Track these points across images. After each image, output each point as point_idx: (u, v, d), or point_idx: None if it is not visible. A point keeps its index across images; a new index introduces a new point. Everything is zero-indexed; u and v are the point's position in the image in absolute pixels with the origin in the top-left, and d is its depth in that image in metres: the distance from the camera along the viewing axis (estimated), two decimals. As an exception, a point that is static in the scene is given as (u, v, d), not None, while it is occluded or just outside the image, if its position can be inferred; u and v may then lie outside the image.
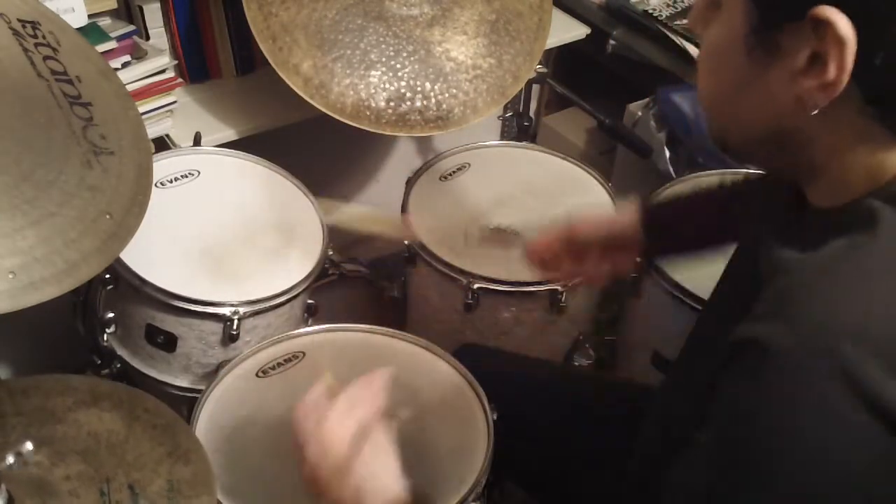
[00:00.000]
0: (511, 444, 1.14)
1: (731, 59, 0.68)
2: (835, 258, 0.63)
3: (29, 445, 0.91)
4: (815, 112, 0.64)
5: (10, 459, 0.90)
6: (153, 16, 1.54)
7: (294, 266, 1.36)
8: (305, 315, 1.43)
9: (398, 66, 1.45)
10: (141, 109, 1.35)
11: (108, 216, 0.96)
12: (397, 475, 0.84)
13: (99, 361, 1.41)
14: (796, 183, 0.73)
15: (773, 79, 0.65)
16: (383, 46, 1.45)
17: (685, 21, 1.90)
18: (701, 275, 1.13)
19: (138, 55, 1.46)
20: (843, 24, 0.59)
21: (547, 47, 1.63)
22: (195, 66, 1.63)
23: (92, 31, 1.42)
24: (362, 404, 0.85)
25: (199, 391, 1.20)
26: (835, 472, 0.60)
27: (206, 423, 1.14)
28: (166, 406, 1.07)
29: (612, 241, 1.14)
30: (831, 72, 0.61)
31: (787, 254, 0.67)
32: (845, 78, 0.61)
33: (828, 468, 0.60)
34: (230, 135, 1.56)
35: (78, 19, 1.37)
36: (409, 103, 1.45)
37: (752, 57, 0.66)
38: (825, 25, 0.59)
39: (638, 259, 1.17)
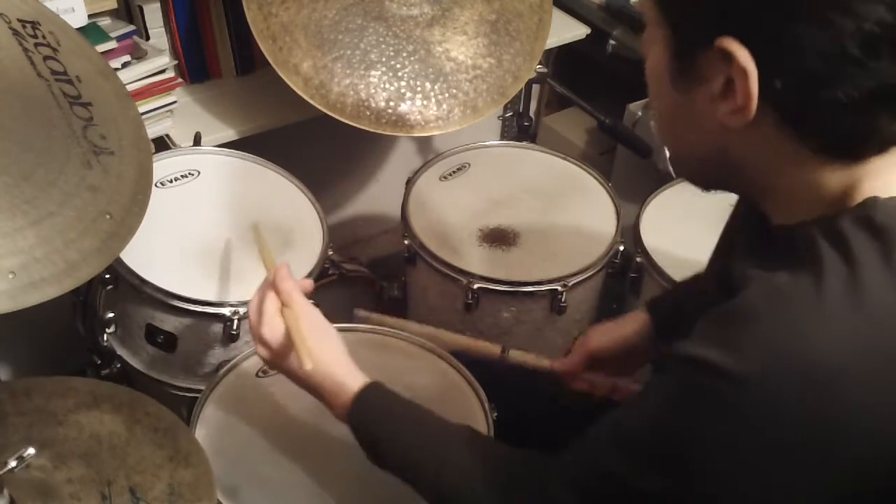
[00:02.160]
0: (511, 444, 1.14)
1: (662, 85, 0.71)
2: (782, 292, 0.65)
3: (32, 450, 0.91)
4: (739, 132, 0.66)
5: (12, 463, 0.90)
6: (153, 16, 1.54)
7: (294, 266, 1.35)
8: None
9: (398, 66, 1.45)
10: (141, 109, 1.35)
11: (108, 216, 0.96)
12: (344, 354, 0.98)
13: (99, 361, 1.41)
14: (757, 203, 0.75)
15: (697, 104, 0.68)
16: (383, 46, 1.45)
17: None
18: (701, 275, 1.13)
19: (138, 55, 1.46)
20: (743, 55, 0.61)
21: (547, 47, 1.62)
22: (195, 66, 1.63)
23: (92, 31, 1.41)
24: (284, 285, 0.99)
25: (199, 391, 1.20)
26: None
27: (206, 424, 1.14)
28: (167, 409, 1.07)
29: (631, 356, 1.17)
30: (739, 98, 0.63)
31: (748, 276, 0.69)
32: (753, 104, 0.63)
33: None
34: (230, 135, 1.56)
35: (78, 19, 1.37)
36: (409, 103, 1.45)
37: (676, 84, 0.69)
38: (730, 55, 0.62)
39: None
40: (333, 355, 0.97)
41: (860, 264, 0.62)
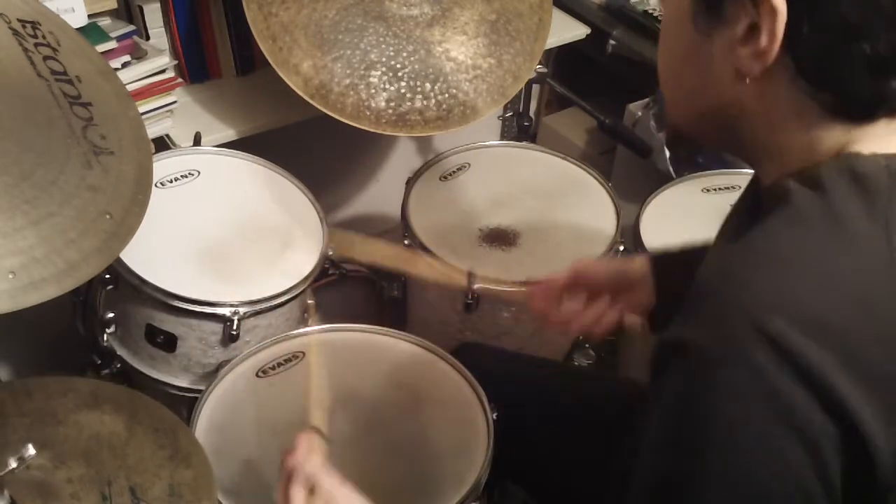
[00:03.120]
0: (511, 444, 1.14)
1: (679, 29, 0.70)
2: (748, 246, 0.63)
3: (32, 450, 0.91)
4: (751, 82, 0.66)
5: (13, 463, 0.90)
6: (153, 16, 1.54)
7: (294, 266, 1.36)
8: (305, 315, 1.43)
9: (398, 66, 1.45)
10: (141, 109, 1.35)
11: (108, 216, 0.96)
12: None
13: (99, 361, 1.41)
14: (749, 163, 0.75)
15: (716, 48, 0.67)
16: (383, 46, 1.45)
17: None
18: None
19: (138, 55, 1.46)
20: None
21: (547, 47, 1.62)
22: (195, 66, 1.63)
23: (92, 31, 1.41)
24: (298, 473, 0.89)
25: (199, 391, 1.20)
26: (770, 462, 0.60)
27: (206, 424, 1.14)
28: (167, 409, 1.07)
29: (620, 286, 1.11)
30: (763, 40, 0.63)
31: (724, 244, 0.68)
32: (776, 47, 0.62)
33: (763, 459, 0.60)
34: (230, 135, 1.56)
35: (78, 19, 1.37)
36: (409, 103, 1.45)
37: (698, 26, 0.68)
38: None
39: (645, 318, 1.12)
40: None
41: (840, 209, 0.61)
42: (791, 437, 0.59)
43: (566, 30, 1.90)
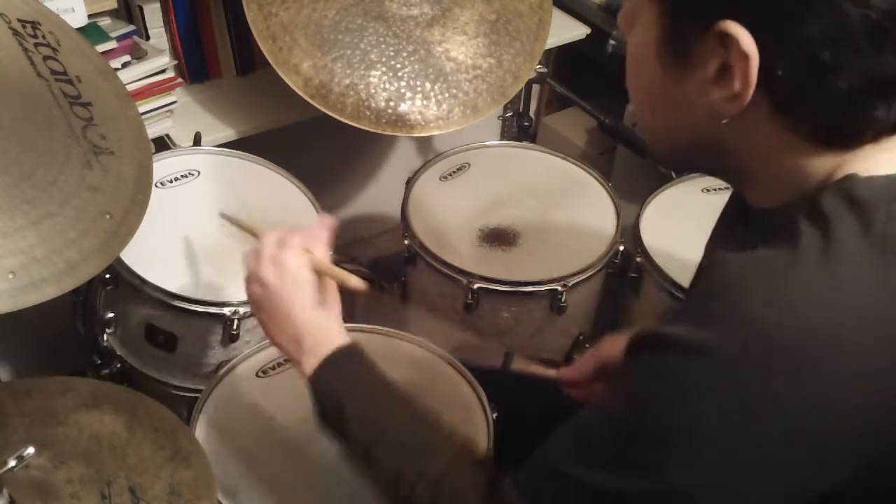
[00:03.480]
0: (511, 444, 1.14)
1: (647, 66, 0.69)
2: (757, 266, 0.63)
3: (31, 450, 0.91)
4: (727, 121, 0.65)
5: (12, 462, 0.90)
6: (153, 16, 1.54)
7: (294, 266, 1.36)
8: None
9: (398, 66, 1.45)
10: (141, 109, 1.35)
11: (108, 216, 0.96)
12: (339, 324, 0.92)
13: (99, 361, 1.41)
14: (737, 188, 0.75)
15: (688, 88, 0.66)
16: (383, 46, 1.45)
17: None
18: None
19: (138, 55, 1.46)
20: (747, 40, 0.60)
21: (547, 47, 1.63)
22: (195, 66, 1.63)
23: (92, 31, 1.41)
24: (316, 242, 0.94)
25: (199, 391, 1.20)
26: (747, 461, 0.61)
27: (206, 424, 1.14)
28: (168, 409, 1.07)
29: None
30: (737, 84, 0.62)
31: (720, 256, 0.68)
32: (750, 90, 0.62)
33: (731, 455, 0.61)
34: (230, 135, 1.56)
35: (78, 19, 1.37)
36: (409, 103, 1.45)
37: (665, 66, 0.67)
38: (730, 39, 0.61)
39: None
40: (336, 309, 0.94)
41: (837, 236, 0.61)
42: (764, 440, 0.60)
43: (566, 30, 1.90)
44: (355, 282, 0.94)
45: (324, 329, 0.90)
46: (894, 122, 0.63)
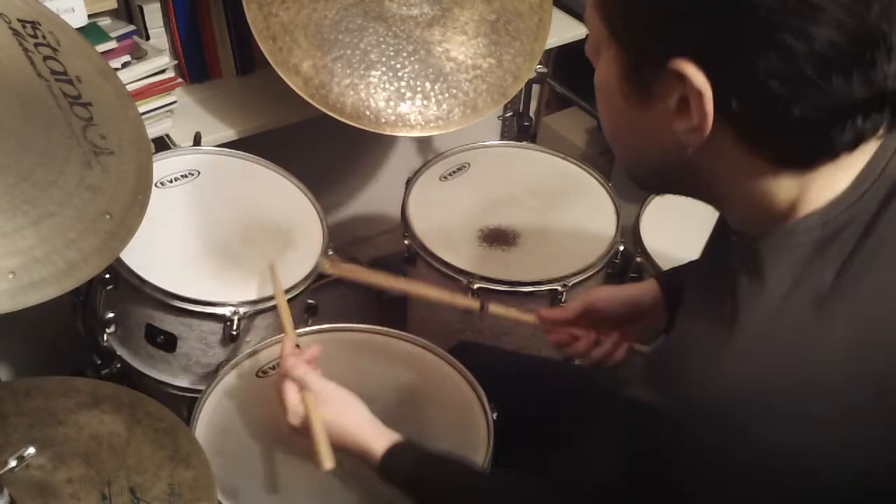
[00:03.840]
0: (511, 444, 1.14)
1: (612, 98, 0.71)
2: (700, 332, 0.69)
3: (32, 450, 0.91)
4: (693, 148, 0.67)
5: (12, 462, 0.90)
6: (153, 16, 1.54)
7: (294, 266, 1.36)
8: (305, 315, 1.43)
9: (398, 66, 1.45)
10: (141, 109, 1.35)
11: (108, 216, 0.96)
12: (367, 418, 1.02)
13: (99, 361, 1.41)
14: (714, 207, 0.77)
15: (652, 119, 0.68)
16: (383, 46, 1.45)
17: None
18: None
19: (138, 55, 1.46)
20: (698, 78, 0.62)
21: (547, 47, 1.62)
22: (195, 66, 1.63)
23: (92, 31, 1.41)
24: (296, 371, 1.03)
25: (199, 391, 1.20)
26: None
27: (206, 423, 1.14)
28: (168, 409, 1.07)
29: (631, 316, 1.15)
30: (695, 118, 0.64)
31: (688, 299, 0.75)
32: (708, 123, 0.64)
33: None
34: (230, 135, 1.56)
35: (78, 19, 1.37)
36: (409, 103, 1.45)
37: (629, 99, 0.69)
38: (684, 76, 0.62)
39: (664, 332, 1.16)
40: (355, 420, 1.01)
41: (764, 300, 0.65)
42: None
43: (566, 30, 1.90)
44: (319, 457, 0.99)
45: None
46: (851, 141, 0.64)
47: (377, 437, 0.99)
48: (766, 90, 0.61)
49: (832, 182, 0.67)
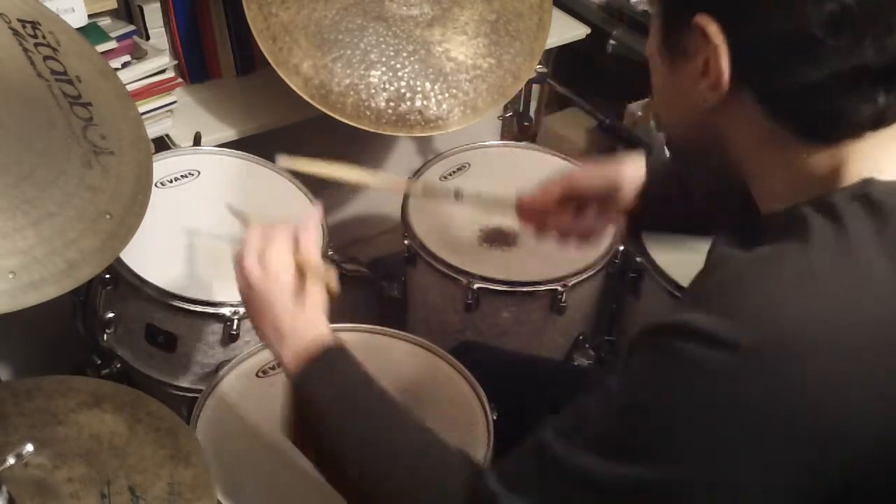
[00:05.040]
0: (511, 444, 1.14)
1: (655, 62, 0.74)
2: (771, 259, 0.64)
3: (30, 447, 0.91)
4: (722, 112, 0.68)
5: (12, 461, 0.90)
6: (153, 16, 1.54)
7: (294, 266, 1.36)
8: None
9: (398, 66, 1.45)
10: (141, 109, 1.35)
11: (108, 216, 0.96)
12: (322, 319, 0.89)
13: (99, 361, 1.41)
14: (746, 188, 0.76)
15: (685, 80, 0.70)
16: (383, 46, 1.45)
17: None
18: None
19: (138, 55, 1.46)
20: (714, 31, 0.64)
21: (547, 47, 1.62)
22: (195, 66, 1.63)
23: (92, 31, 1.41)
24: (304, 238, 0.93)
25: (199, 391, 1.20)
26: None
27: (206, 423, 1.14)
28: (168, 409, 1.07)
29: (610, 193, 1.09)
30: (713, 74, 0.66)
31: (730, 251, 0.69)
32: (724, 79, 0.66)
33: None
34: (230, 135, 1.56)
35: (78, 19, 1.37)
36: (409, 103, 1.45)
37: (667, 61, 0.72)
38: (704, 32, 0.65)
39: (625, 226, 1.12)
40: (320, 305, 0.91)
41: (850, 232, 0.62)
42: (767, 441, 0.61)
43: (566, 30, 1.90)
44: (332, 284, 0.92)
45: (306, 327, 0.88)
46: (871, 118, 0.64)
47: (328, 331, 0.88)
48: (775, 49, 0.62)
49: (880, 163, 0.65)
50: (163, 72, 1.46)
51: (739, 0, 0.64)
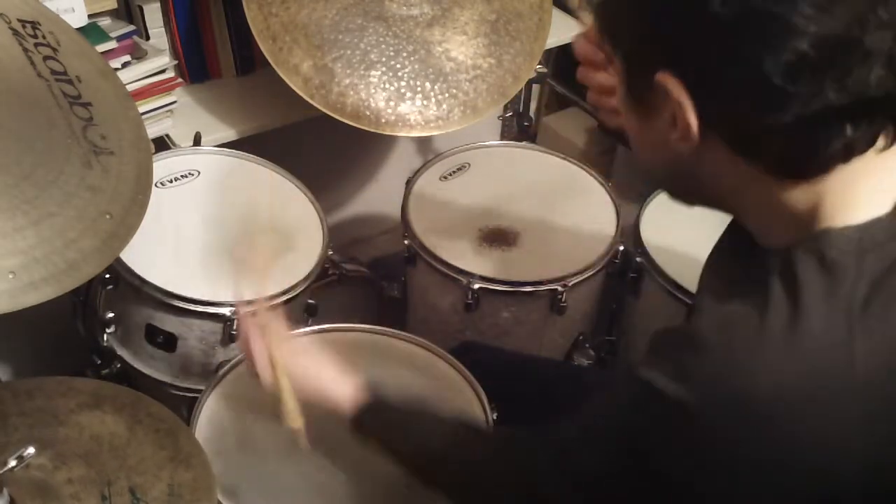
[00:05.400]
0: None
1: (624, 107, 0.75)
2: (734, 331, 0.67)
3: (32, 450, 0.91)
4: (696, 156, 0.69)
5: (12, 462, 0.90)
6: (153, 16, 1.54)
7: (294, 266, 1.36)
8: (305, 315, 1.43)
9: (398, 66, 1.45)
10: (141, 109, 1.35)
11: (108, 216, 0.96)
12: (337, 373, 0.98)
13: (99, 361, 1.41)
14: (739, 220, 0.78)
15: (655, 132, 0.70)
16: (383, 46, 1.45)
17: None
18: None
19: (138, 55, 1.46)
20: (677, 88, 0.65)
21: (547, 47, 1.62)
22: (195, 66, 1.63)
23: (92, 31, 1.41)
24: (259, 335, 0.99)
25: (199, 391, 1.20)
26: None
27: (206, 424, 1.14)
28: (169, 410, 1.07)
29: None
30: (680, 126, 0.67)
31: (705, 302, 0.74)
32: (693, 132, 0.66)
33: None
34: (230, 135, 1.56)
35: (78, 19, 1.36)
36: (409, 103, 1.45)
37: (636, 111, 0.72)
38: (665, 89, 0.65)
39: None
40: (321, 373, 0.99)
41: (804, 302, 0.64)
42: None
43: (566, 30, 1.90)
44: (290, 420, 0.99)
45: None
46: (841, 151, 0.64)
47: (344, 392, 0.97)
48: (739, 99, 0.63)
49: (852, 195, 0.67)
50: (163, 72, 1.46)
51: (696, 55, 0.64)
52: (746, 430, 0.64)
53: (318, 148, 1.81)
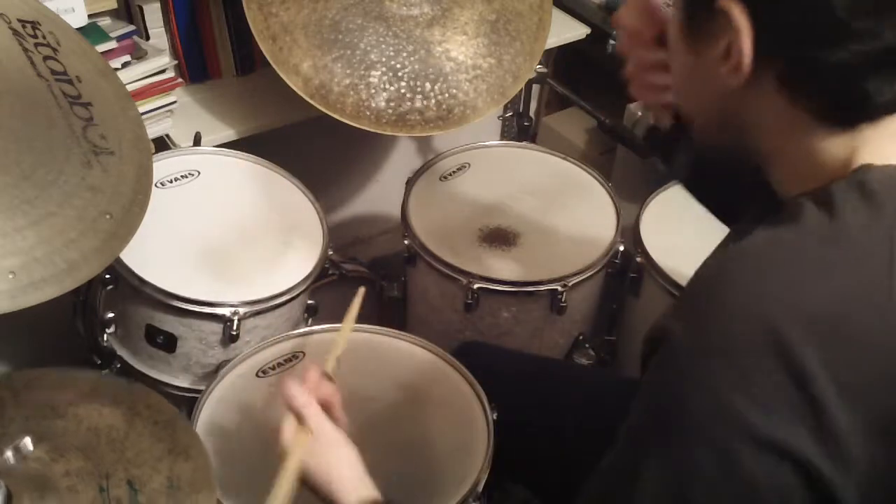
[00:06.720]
0: (511, 444, 1.14)
1: (676, 48, 0.75)
2: (751, 250, 0.66)
3: (28, 441, 0.91)
4: (742, 95, 0.69)
5: (9, 454, 0.90)
6: (153, 16, 1.54)
7: (294, 266, 1.36)
8: (305, 315, 1.43)
9: (398, 66, 1.45)
10: (141, 109, 1.35)
11: (108, 216, 0.96)
12: (357, 471, 0.90)
13: (99, 361, 1.41)
14: (767, 175, 0.77)
15: (707, 64, 0.70)
16: (383, 46, 1.45)
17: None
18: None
19: (138, 55, 1.46)
20: (737, 13, 0.65)
21: (547, 47, 1.62)
22: (195, 66, 1.63)
23: (92, 31, 1.41)
24: (296, 402, 0.91)
25: (199, 391, 1.20)
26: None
27: (206, 423, 1.14)
28: (167, 402, 1.07)
29: None
30: (734, 57, 0.67)
31: (724, 247, 0.73)
32: (746, 61, 0.66)
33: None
34: (230, 135, 1.56)
35: (78, 19, 1.36)
36: (409, 103, 1.45)
37: (688, 44, 0.72)
38: (727, 15, 0.65)
39: None
40: (338, 472, 0.91)
41: (843, 219, 0.64)
42: (752, 444, 0.61)
43: (566, 30, 1.90)
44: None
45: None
46: (892, 101, 0.64)
47: (353, 493, 0.89)
48: (799, 29, 0.63)
49: (885, 151, 0.67)
50: (163, 72, 1.46)
51: None
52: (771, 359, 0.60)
53: (318, 148, 1.81)
